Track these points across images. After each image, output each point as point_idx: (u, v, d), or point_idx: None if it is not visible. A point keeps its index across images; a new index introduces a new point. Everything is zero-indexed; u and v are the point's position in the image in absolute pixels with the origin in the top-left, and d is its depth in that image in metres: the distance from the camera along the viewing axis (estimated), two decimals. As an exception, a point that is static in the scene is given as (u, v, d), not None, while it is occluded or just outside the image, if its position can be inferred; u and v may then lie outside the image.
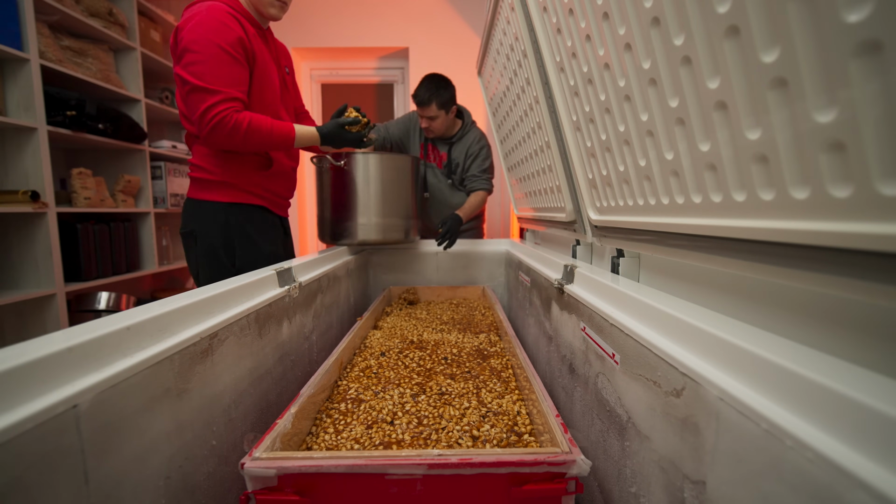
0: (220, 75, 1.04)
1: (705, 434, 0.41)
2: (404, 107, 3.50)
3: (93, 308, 2.25)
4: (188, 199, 1.21)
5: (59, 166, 2.25)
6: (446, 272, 1.74)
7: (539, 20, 0.89)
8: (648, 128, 0.59)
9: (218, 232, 1.18)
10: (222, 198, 1.18)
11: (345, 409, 0.74)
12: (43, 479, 0.37)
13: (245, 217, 1.21)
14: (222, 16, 1.06)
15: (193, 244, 1.19)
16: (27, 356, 0.38)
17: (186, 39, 1.03)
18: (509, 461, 0.48)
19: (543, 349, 1.09)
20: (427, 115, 1.73)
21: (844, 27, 0.29)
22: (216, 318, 0.65)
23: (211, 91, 1.03)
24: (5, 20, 1.71)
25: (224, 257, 1.19)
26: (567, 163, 0.96)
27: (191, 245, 1.20)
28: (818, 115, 0.33)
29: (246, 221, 1.21)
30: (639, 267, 0.84)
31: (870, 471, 0.25)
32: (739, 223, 0.46)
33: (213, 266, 1.19)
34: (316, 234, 1.56)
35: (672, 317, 0.50)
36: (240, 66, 1.08)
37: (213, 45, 1.03)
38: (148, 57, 2.52)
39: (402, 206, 1.48)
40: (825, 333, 0.44)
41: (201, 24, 1.04)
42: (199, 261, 1.19)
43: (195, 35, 1.03)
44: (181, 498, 0.55)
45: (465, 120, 1.87)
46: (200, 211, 1.18)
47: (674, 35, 0.48)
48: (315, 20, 3.21)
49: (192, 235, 1.19)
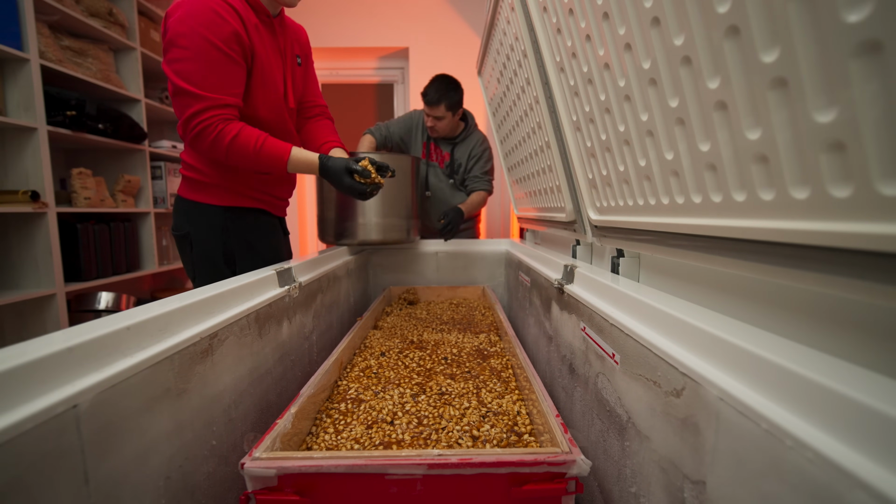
0: (209, 77, 0.92)
1: (705, 434, 0.41)
2: (404, 107, 3.50)
3: (93, 308, 2.25)
4: (181, 197, 1.13)
5: (59, 166, 2.25)
6: (446, 272, 1.74)
7: (539, 20, 0.89)
8: (648, 128, 0.59)
9: (216, 238, 1.11)
10: (219, 201, 1.10)
11: (345, 409, 0.74)
12: (43, 479, 0.37)
13: (243, 222, 1.14)
14: (216, 4, 0.91)
15: (189, 247, 1.12)
16: (27, 356, 0.38)
17: (173, 31, 0.90)
18: (509, 461, 0.48)
19: (543, 349, 1.09)
20: (434, 115, 1.74)
21: (844, 27, 0.29)
22: (216, 318, 0.65)
23: (197, 96, 0.91)
24: (5, 20, 1.71)
25: (223, 264, 1.12)
26: (567, 163, 0.96)
27: (186, 248, 1.13)
28: (818, 115, 0.33)
29: (245, 227, 1.14)
30: (639, 267, 0.84)
31: (870, 471, 0.25)
32: (739, 223, 0.46)
33: (210, 272, 1.12)
34: (316, 234, 1.56)
35: (672, 317, 0.50)
36: (234, 64, 0.95)
37: (203, 41, 0.90)
38: (148, 57, 2.52)
39: (403, 206, 1.48)
40: (825, 333, 0.44)
41: (191, 14, 0.89)
42: (196, 265, 1.13)
43: (184, 27, 0.89)
44: (181, 498, 0.55)
45: (468, 122, 1.90)
46: (196, 214, 1.11)
47: (674, 35, 0.48)
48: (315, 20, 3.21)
49: (187, 238, 1.12)
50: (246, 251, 1.15)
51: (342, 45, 3.25)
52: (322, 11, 3.20)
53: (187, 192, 1.12)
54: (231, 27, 0.93)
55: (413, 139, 1.91)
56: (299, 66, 1.20)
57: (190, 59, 0.90)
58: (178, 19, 0.90)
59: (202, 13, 0.90)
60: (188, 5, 0.91)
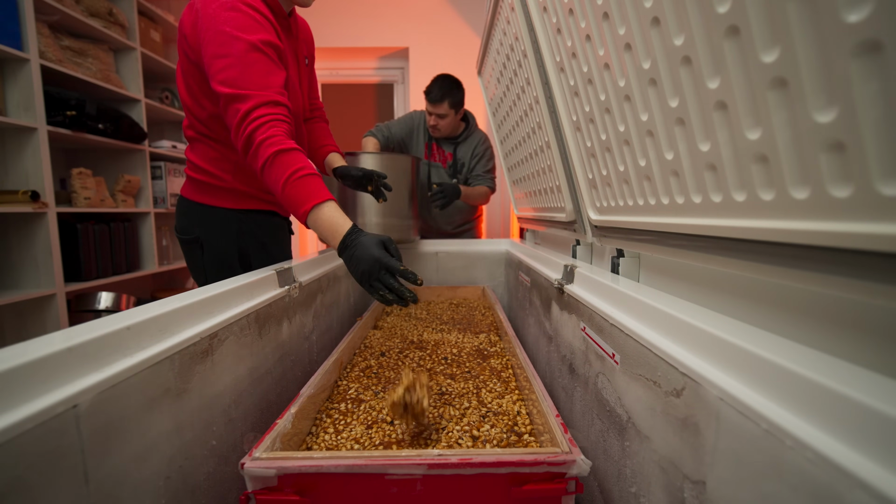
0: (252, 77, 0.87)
1: (705, 434, 0.41)
2: (404, 107, 3.50)
3: (93, 308, 2.25)
4: (188, 200, 1.10)
5: (59, 166, 2.25)
6: (446, 272, 1.74)
7: (539, 20, 0.89)
8: (648, 128, 0.59)
9: (230, 241, 1.09)
10: (232, 204, 1.08)
11: (345, 409, 0.74)
12: (43, 479, 0.37)
13: (257, 224, 1.12)
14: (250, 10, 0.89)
15: (199, 251, 1.10)
16: (27, 356, 0.38)
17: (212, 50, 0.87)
18: (509, 461, 0.48)
19: (543, 349, 1.09)
20: (437, 113, 1.75)
21: (844, 27, 0.29)
22: (216, 318, 0.65)
23: (241, 97, 0.86)
24: (5, 20, 1.71)
25: (238, 268, 1.09)
26: (567, 163, 0.96)
27: (195, 251, 1.10)
28: (818, 115, 0.33)
29: (258, 229, 1.13)
30: (639, 267, 0.84)
31: (870, 471, 0.25)
32: (739, 223, 0.46)
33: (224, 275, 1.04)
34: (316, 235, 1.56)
35: (672, 317, 0.50)
36: (275, 65, 0.91)
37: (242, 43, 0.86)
38: (148, 57, 2.52)
39: (403, 206, 1.48)
40: (825, 333, 0.44)
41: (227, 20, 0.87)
42: (208, 268, 1.10)
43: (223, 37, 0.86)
44: (181, 498, 0.55)
45: (469, 122, 1.92)
46: (208, 217, 1.08)
47: (674, 35, 0.48)
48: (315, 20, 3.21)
49: (197, 242, 1.09)
50: (261, 253, 1.14)
51: (342, 45, 3.25)
52: (322, 11, 3.20)
53: (195, 194, 1.09)
54: (268, 33, 0.91)
55: (414, 140, 1.91)
56: (306, 67, 1.18)
57: (232, 66, 0.86)
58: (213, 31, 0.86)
59: (237, 19, 0.87)
60: (222, 16, 0.87)
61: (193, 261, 1.13)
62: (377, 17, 3.21)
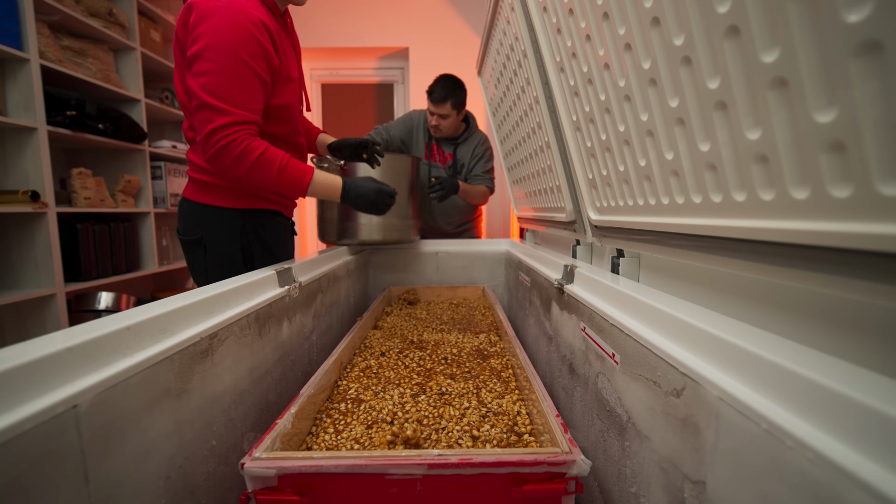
0: (234, 92, 0.89)
1: (705, 434, 0.41)
2: (404, 107, 3.50)
3: (93, 308, 2.25)
4: (190, 201, 1.10)
5: (59, 166, 2.25)
6: (446, 272, 1.74)
7: (539, 20, 0.89)
8: (648, 128, 0.59)
9: (233, 241, 1.09)
10: (235, 204, 1.08)
11: (345, 409, 0.74)
12: (43, 479, 0.37)
13: (260, 224, 1.12)
14: (246, 18, 0.89)
15: (202, 252, 1.09)
16: (27, 356, 0.38)
17: (200, 43, 0.87)
18: (509, 461, 0.48)
19: (543, 349, 1.09)
20: (440, 113, 1.75)
21: (844, 27, 0.29)
22: (216, 318, 0.65)
23: (221, 110, 0.88)
24: (5, 20, 1.71)
25: (242, 268, 1.09)
26: (567, 163, 0.96)
27: (198, 252, 1.10)
28: (818, 115, 0.33)
29: (262, 229, 1.13)
30: (639, 267, 0.84)
31: (870, 471, 0.25)
32: (739, 223, 0.46)
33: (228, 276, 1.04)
34: (316, 234, 1.56)
35: (672, 317, 0.50)
36: (259, 81, 0.94)
37: (231, 55, 0.88)
38: (148, 57, 2.52)
39: (403, 206, 1.48)
40: (825, 333, 0.44)
41: (219, 27, 0.87)
42: (210, 269, 1.09)
43: (211, 40, 0.87)
44: (181, 498, 0.55)
45: (469, 122, 1.92)
46: (210, 217, 1.08)
47: (674, 35, 0.48)
48: (315, 20, 3.21)
49: (200, 243, 1.08)
50: (264, 253, 1.14)
51: (342, 45, 3.25)
52: (322, 11, 3.20)
53: (197, 194, 1.09)
54: (261, 44, 0.91)
55: (414, 140, 1.91)
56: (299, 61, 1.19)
57: (216, 73, 0.87)
58: (205, 31, 0.87)
59: (232, 26, 0.87)
60: (216, 17, 0.87)
61: (195, 262, 1.12)
62: (377, 17, 3.22)
